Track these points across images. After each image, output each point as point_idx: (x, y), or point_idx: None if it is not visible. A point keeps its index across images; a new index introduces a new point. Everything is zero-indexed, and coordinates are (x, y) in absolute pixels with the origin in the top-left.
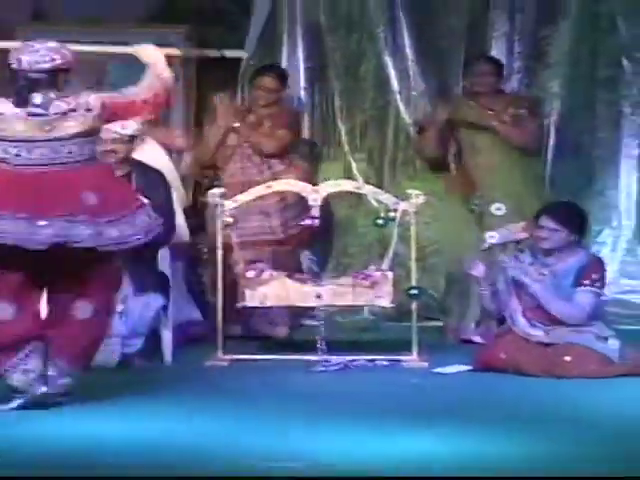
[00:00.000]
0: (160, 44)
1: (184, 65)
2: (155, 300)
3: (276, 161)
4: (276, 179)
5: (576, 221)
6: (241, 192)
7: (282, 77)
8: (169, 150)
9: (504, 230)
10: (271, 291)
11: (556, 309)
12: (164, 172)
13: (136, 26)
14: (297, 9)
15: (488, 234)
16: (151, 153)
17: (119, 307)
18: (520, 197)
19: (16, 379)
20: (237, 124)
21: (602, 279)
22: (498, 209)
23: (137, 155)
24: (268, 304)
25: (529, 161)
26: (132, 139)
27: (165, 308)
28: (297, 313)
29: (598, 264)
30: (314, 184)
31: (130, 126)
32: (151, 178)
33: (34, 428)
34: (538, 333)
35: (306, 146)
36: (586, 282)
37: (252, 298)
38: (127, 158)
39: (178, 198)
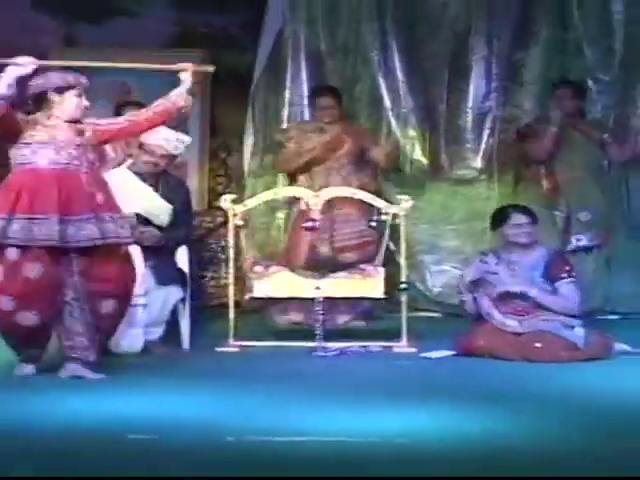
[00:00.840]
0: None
1: (200, 81)
2: (174, 293)
3: (361, 173)
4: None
5: (535, 217)
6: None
7: (337, 95)
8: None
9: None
10: (276, 283)
11: (554, 304)
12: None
13: (158, 50)
14: (300, 36)
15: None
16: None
17: (142, 299)
18: (599, 207)
19: None
20: (314, 144)
21: (572, 268)
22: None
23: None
24: (273, 295)
25: (607, 177)
26: (175, 157)
27: (183, 300)
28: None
29: (562, 256)
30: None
31: (180, 148)
32: (173, 185)
33: (70, 403)
34: (513, 323)
35: None
36: (564, 275)
37: (259, 290)
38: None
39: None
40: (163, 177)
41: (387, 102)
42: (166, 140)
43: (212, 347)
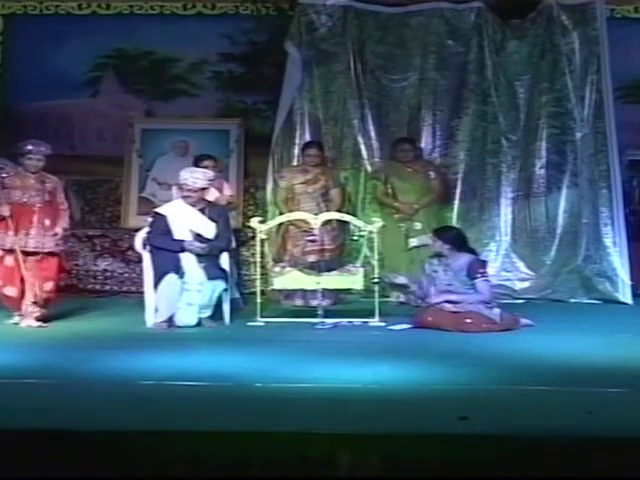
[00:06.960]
0: (221, 130)
1: (238, 142)
2: (220, 284)
3: (326, 197)
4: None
5: (447, 236)
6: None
7: (320, 147)
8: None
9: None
10: (289, 279)
11: (473, 300)
12: None
13: (209, 119)
14: (305, 109)
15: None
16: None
17: (198, 286)
18: (429, 221)
19: None
20: (300, 180)
21: (486, 271)
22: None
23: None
24: (287, 287)
25: (434, 201)
26: (202, 190)
27: (226, 290)
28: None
29: (480, 262)
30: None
31: (200, 183)
32: (216, 210)
33: (143, 361)
34: (449, 305)
35: None
36: (478, 275)
37: (278, 283)
38: (201, 199)
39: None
40: (209, 205)
41: (364, 154)
42: (185, 179)
43: (245, 322)
